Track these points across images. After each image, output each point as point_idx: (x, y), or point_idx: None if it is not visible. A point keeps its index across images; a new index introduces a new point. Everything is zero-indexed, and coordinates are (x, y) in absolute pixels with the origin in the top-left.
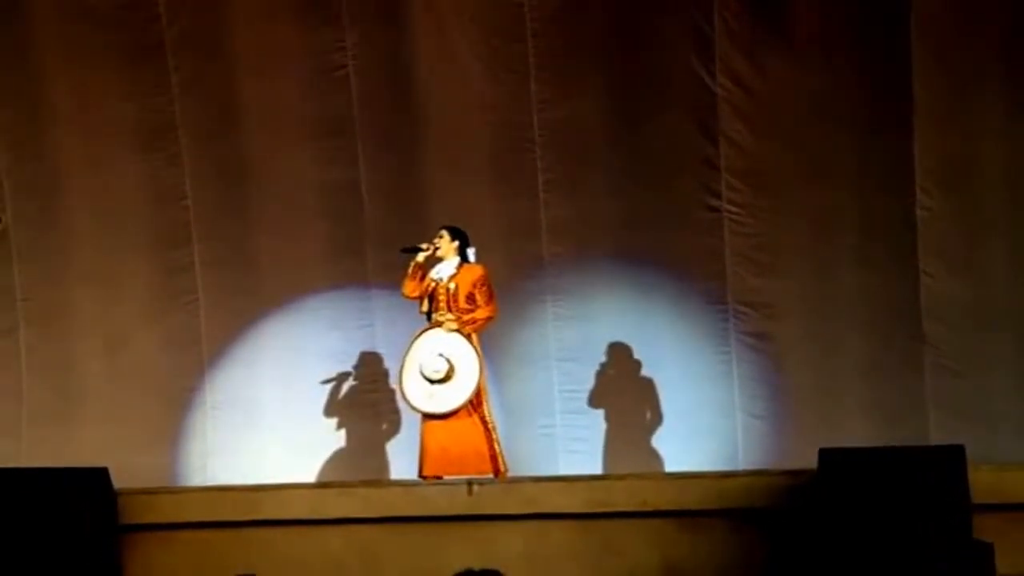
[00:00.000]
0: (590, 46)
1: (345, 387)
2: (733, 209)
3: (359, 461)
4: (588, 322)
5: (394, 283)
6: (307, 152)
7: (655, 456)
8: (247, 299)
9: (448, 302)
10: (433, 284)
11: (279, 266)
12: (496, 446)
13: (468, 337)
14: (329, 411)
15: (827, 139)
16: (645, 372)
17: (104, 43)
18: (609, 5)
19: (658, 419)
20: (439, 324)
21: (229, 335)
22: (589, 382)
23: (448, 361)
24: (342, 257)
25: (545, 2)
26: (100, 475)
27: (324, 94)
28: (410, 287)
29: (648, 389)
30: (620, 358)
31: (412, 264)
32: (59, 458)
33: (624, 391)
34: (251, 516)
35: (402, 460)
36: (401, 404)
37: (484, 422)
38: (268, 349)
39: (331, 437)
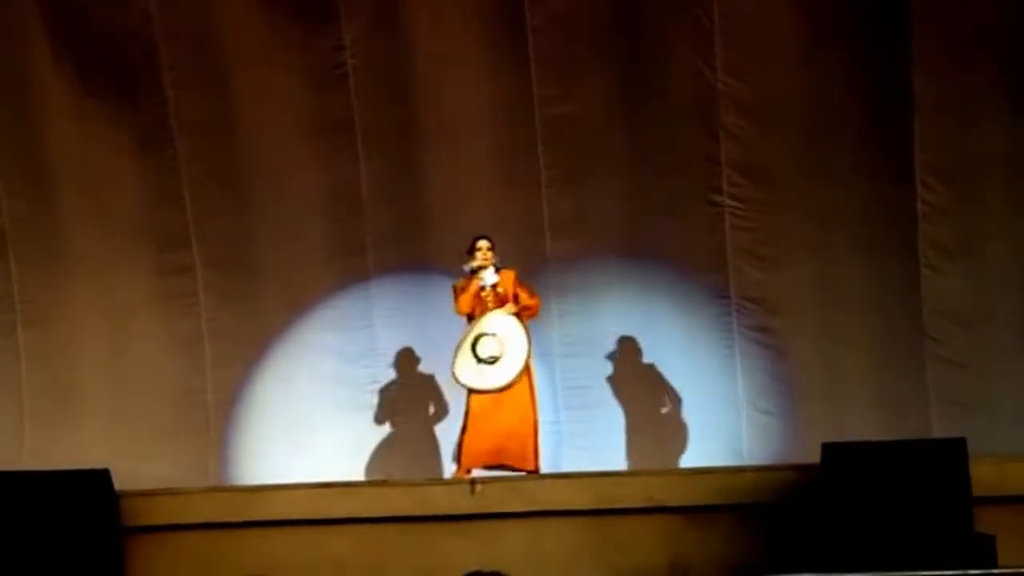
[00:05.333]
0: (591, 42)
1: (347, 386)
2: (735, 204)
3: (361, 461)
4: (591, 318)
5: (394, 282)
6: (306, 151)
7: (660, 452)
8: (248, 300)
9: (499, 305)
10: (483, 292)
11: (279, 266)
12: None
13: (522, 323)
14: (331, 411)
15: (828, 133)
16: (649, 368)
17: (98, 43)
18: (609, 1)
19: (662, 414)
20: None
21: (230, 335)
22: (592, 378)
23: (501, 344)
24: (343, 257)
25: None
26: (101, 477)
27: (323, 93)
28: (468, 304)
29: (652, 385)
30: (623, 354)
31: (472, 281)
32: (60, 460)
33: (628, 387)
34: (253, 517)
35: (403, 460)
36: (406, 405)
37: (535, 416)
38: (269, 349)
39: (333, 437)
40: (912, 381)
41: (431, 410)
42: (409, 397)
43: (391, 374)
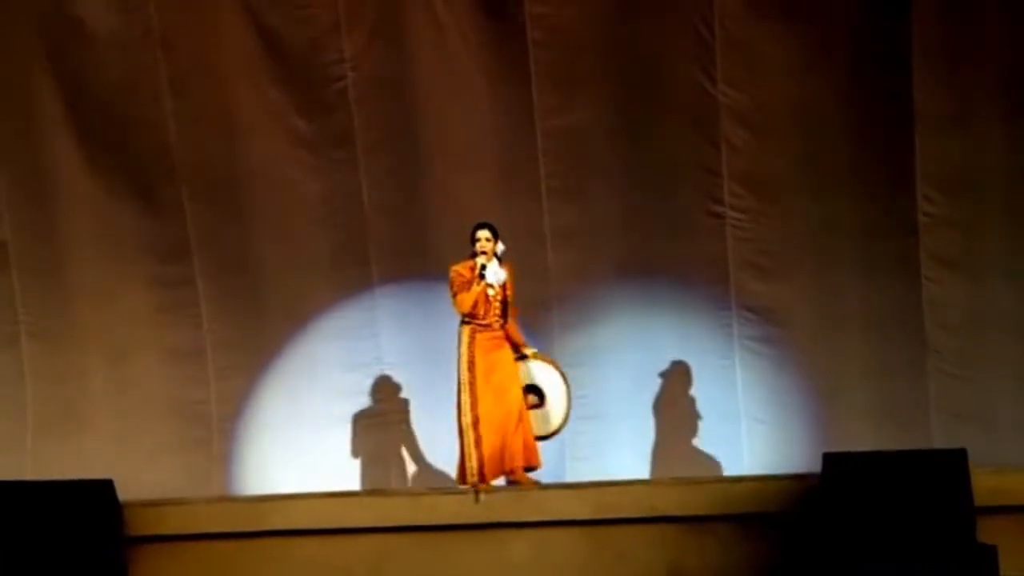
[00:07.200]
0: (592, 54)
1: (351, 397)
2: (736, 215)
3: (366, 471)
4: (592, 328)
5: (398, 292)
6: (307, 162)
7: (661, 461)
8: (250, 311)
9: (503, 308)
10: (490, 290)
11: (281, 277)
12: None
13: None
14: (335, 421)
15: (829, 145)
16: (650, 378)
17: (99, 56)
18: (609, 13)
19: (663, 425)
20: (524, 356)
21: (232, 347)
22: (594, 388)
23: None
24: (346, 267)
25: (546, 11)
26: (106, 487)
27: (324, 105)
28: (470, 304)
29: (652, 395)
30: (624, 365)
31: (476, 279)
32: (65, 471)
33: (628, 397)
34: (258, 527)
35: (408, 469)
36: (411, 414)
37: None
38: (272, 360)
39: (338, 447)
40: (913, 392)
41: (436, 419)
42: (414, 406)
43: (396, 383)
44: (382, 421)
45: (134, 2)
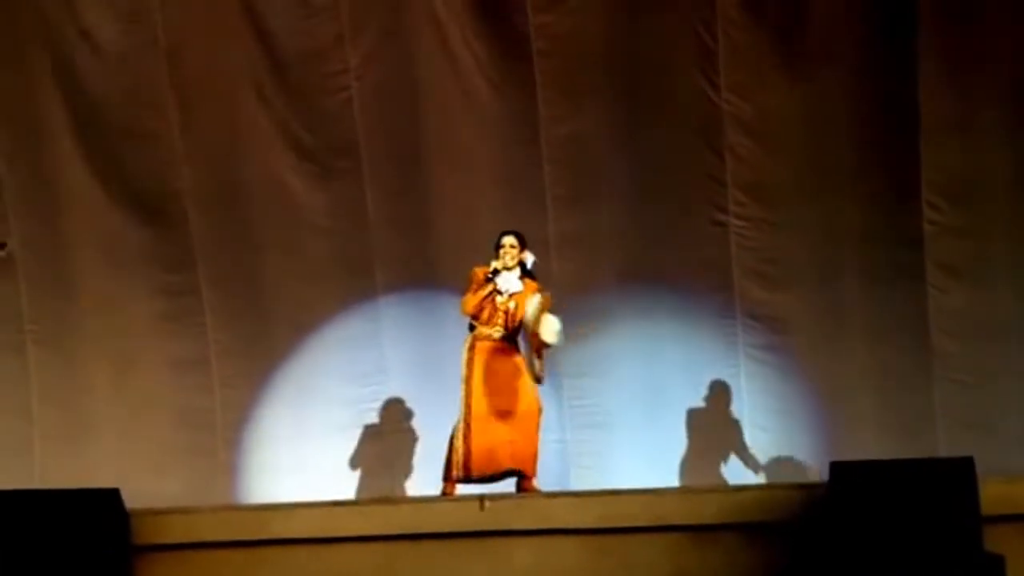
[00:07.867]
0: (595, 63)
1: (355, 406)
2: (739, 223)
3: (369, 479)
4: (597, 336)
5: (402, 301)
6: (311, 171)
7: (665, 470)
8: (254, 320)
9: (507, 321)
10: (499, 297)
11: (286, 286)
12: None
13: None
14: (339, 430)
15: (833, 152)
16: (654, 386)
17: (104, 67)
18: (613, 21)
19: (668, 433)
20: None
21: (237, 355)
22: (598, 397)
23: None
24: (350, 276)
25: (550, 20)
26: (112, 496)
27: (328, 116)
28: (475, 306)
29: (657, 403)
30: (628, 373)
31: (488, 285)
32: (71, 479)
33: (633, 406)
34: (263, 535)
35: (411, 478)
36: (414, 424)
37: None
38: (277, 369)
39: (341, 456)
40: (919, 400)
41: (439, 429)
42: (417, 416)
43: (399, 393)
44: (385, 430)
45: (139, 13)
